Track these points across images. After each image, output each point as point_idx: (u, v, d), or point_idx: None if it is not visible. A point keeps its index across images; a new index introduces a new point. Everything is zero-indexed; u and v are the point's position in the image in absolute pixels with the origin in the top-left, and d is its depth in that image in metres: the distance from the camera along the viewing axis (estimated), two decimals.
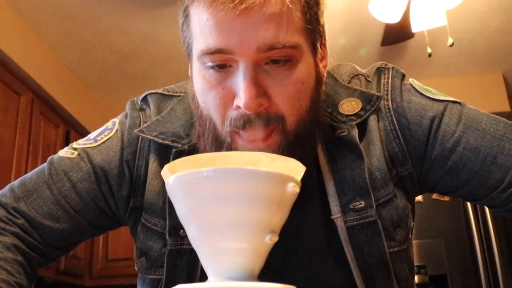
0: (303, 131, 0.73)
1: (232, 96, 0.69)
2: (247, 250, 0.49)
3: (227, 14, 0.66)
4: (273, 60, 0.68)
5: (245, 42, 0.66)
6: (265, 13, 0.66)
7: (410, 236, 0.88)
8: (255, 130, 0.69)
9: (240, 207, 0.48)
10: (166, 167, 0.51)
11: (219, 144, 0.72)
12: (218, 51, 0.68)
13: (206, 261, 0.50)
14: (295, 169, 0.50)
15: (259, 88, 0.67)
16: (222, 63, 0.69)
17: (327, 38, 0.81)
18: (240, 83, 0.67)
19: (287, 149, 0.70)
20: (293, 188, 0.49)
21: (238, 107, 0.68)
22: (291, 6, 0.68)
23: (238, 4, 0.64)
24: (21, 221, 0.83)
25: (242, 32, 0.66)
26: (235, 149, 0.71)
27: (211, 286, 0.47)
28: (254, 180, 0.47)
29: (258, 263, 0.50)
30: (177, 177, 0.49)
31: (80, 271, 3.32)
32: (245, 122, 0.68)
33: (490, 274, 2.64)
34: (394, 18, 2.36)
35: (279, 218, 0.50)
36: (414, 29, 2.43)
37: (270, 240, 0.49)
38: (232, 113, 0.70)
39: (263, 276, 0.53)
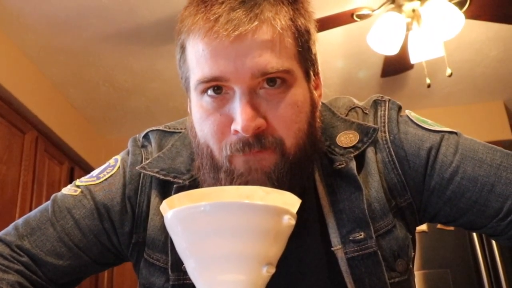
0: (302, 155, 0.73)
1: (230, 121, 0.69)
2: (244, 282, 0.49)
3: (221, 41, 0.67)
4: (268, 82, 0.69)
5: (240, 69, 0.67)
6: (258, 40, 0.67)
7: (411, 266, 0.87)
8: (252, 151, 0.69)
9: (237, 240, 0.48)
10: (164, 202, 0.51)
11: (217, 170, 0.72)
12: (214, 79, 0.69)
13: None
14: (291, 201, 0.51)
15: (255, 111, 0.68)
16: (216, 90, 0.69)
17: (320, 69, 0.82)
18: (237, 107, 0.68)
19: (288, 173, 0.71)
20: (289, 221, 0.50)
21: (236, 131, 0.68)
22: (282, 33, 0.69)
23: (231, 32, 0.66)
24: (25, 258, 0.83)
25: (236, 59, 0.67)
26: (235, 173, 0.71)
27: None
28: (250, 214, 0.48)
29: None
30: (175, 212, 0.50)
31: None
32: (244, 145, 0.68)
33: None
34: (392, 50, 2.38)
35: (276, 250, 0.51)
36: (412, 61, 2.44)
37: (267, 272, 0.49)
38: (231, 139, 0.70)
39: None
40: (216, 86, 0.70)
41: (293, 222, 0.50)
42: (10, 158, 2.63)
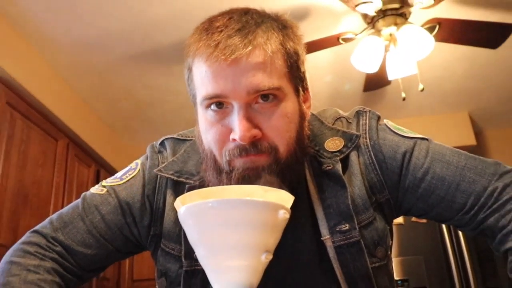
0: (292, 159, 0.74)
1: (229, 132, 0.70)
2: (246, 267, 0.49)
3: (220, 65, 0.68)
4: (261, 98, 0.70)
5: (236, 88, 0.68)
6: (251, 62, 0.68)
7: (389, 253, 0.87)
8: (249, 155, 0.70)
9: (240, 231, 0.49)
10: (178, 199, 0.52)
11: (219, 172, 0.73)
12: (215, 96, 0.70)
13: (212, 278, 0.51)
14: (286, 198, 0.51)
15: (251, 123, 0.69)
16: (218, 106, 0.70)
17: (310, 84, 0.82)
18: (235, 120, 0.69)
19: (280, 174, 0.71)
20: (284, 215, 0.50)
21: (234, 140, 0.69)
22: (273, 55, 0.70)
23: (228, 56, 0.67)
24: (58, 248, 0.83)
25: (234, 79, 0.68)
26: (235, 174, 0.71)
27: None
28: (251, 209, 0.48)
29: (256, 279, 0.51)
30: (187, 208, 0.50)
31: None
32: (241, 151, 0.69)
33: (464, 285, 2.60)
34: (372, 68, 2.38)
35: (273, 240, 0.51)
36: (390, 77, 2.45)
37: (265, 258, 0.50)
38: (230, 145, 0.71)
39: None
40: (218, 102, 0.71)
41: (287, 216, 0.51)
42: (45, 162, 2.63)
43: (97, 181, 3.14)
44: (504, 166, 0.80)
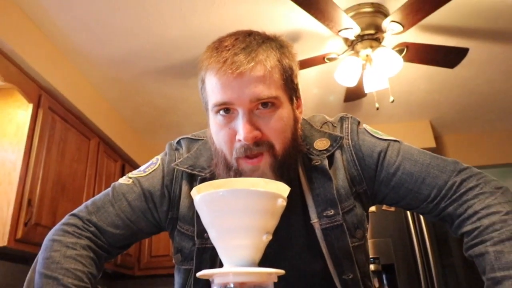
0: (288, 156, 0.74)
1: (235, 133, 0.71)
2: (250, 245, 0.50)
3: (228, 77, 0.68)
4: (262, 105, 0.70)
5: (241, 97, 0.69)
6: (254, 76, 0.68)
7: (366, 234, 0.88)
8: (252, 153, 0.70)
9: (245, 216, 0.49)
10: (194, 188, 0.52)
11: (228, 169, 0.73)
12: (223, 104, 0.70)
13: (222, 254, 0.51)
14: (283, 189, 0.51)
15: (253, 126, 0.69)
16: (226, 111, 0.71)
17: (301, 94, 0.83)
18: (240, 124, 0.69)
19: (277, 170, 0.72)
20: (282, 202, 0.50)
21: (240, 140, 0.69)
22: (271, 70, 0.70)
23: (235, 70, 0.67)
24: (92, 229, 0.83)
25: (239, 89, 0.68)
26: (241, 171, 0.72)
27: (225, 270, 0.48)
28: (254, 197, 0.49)
29: (258, 255, 0.51)
30: (202, 196, 0.50)
31: (131, 264, 3.27)
32: (246, 149, 0.70)
33: (424, 262, 2.61)
34: (352, 83, 2.39)
35: (272, 223, 0.51)
36: (366, 91, 2.45)
37: (266, 238, 0.50)
38: (236, 145, 0.71)
39: (262, 264, 0.54)
40: (226, 108, 0.71)
41: (284, 203, 0.51)
42: (79, 157, 2.63)
43: (122, 173, 3.13)
44: (462, 164, 0.80)
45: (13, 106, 2.18)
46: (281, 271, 0.48)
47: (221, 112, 0.71)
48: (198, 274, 0.48)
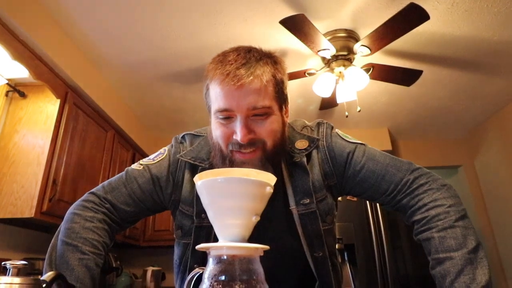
0: (276, 152, 0.74)
1: (232, 133, 0.71)
2: (241, 224, 0.49)
3: (230, 88, 0.68)
4: (256, 115, 0.70)
5: (240, 105, 0.68)
6: (251, 88, 0.68)
7: (335, 220, 0.89)
8: (245, 150, 0.70)
9: (238, 200, 0.48)
10: (196, 176, 0.51)
11: (224, 159, 0.73)
12: (225, 110, 0.70)
13: (217, 231, 0.50)
14: (271, 178, 0.50)
15: (248, 130, 0.69)
16: (227, 116, 0.70)
17: (289, 104, 0.83)
18: (238, 127, 0.69)
19: (265, 163, 0.72)
20: (269, 190, 0.50)
21: (236, 140, 0.69)
22: (266, 84, 0.70)
23: (236, 82, 0.67)
24: (108, 205, 0.82)
25: (238, 99, 0.68)
26: (234, 161, 0.72)
27: (220, 244, 0.47)
28: (247, 185, 0.48)
29: (247, 233, 0.50)
30: (202, 182, 0.50)
31: (137, 236, 3.24)
32: (241, 146, 0.70)
33: (379, 243, 2.64)
34: (326, 94, 2.40)
35: (260, 206, 0.51)
36: (338, 101, 2.46)
37: (255, 219, 0.50)
38: (233, 141, 0.71)
39: (249, 241, 0.53)
40: (227, 115, 0.70)
41: (271, 190, 0.50)
42: (98, 145, 2.59)
43: (132, 161, 3.10)
44: (415, 165, 0.81)
45: (43, 101, 2.15)
46: (266, 247, 0.48)
47: (222, 116, 0.71)
48: (197, 247, 0.48)
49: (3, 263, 0.53)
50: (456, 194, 0.76)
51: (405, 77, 2.40)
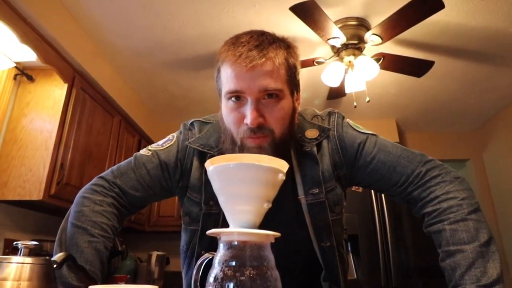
0: (284, 139, 0.73)
1: (243, 117, 0.70)
2: (253, 211, 0.49)
3: (241, 70, 0.67)
4: (268, 96, 0.69)
5: (251, 86, 0.67)
6: (263, 70, 0.67)
7: (343, 211, 0.88)
8: (255, 135, 0.69)
9: (250, 186, 0.48)
10: (208, 160, 0.50)
11: (234, 145, 0.72)
12: (236, 92, 0.69)
13: (228, 217, 0.50)
14: (283, 165, 0.50)
15: (259, 113, 0.68)
16: (238, 95, 0.69)
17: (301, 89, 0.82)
18: (248, 110, 0.68)
19: (275, 150, 0.71)
20: (282, 177, 0.49)
21: (247, 124, 0.68)
22: (278, 67, 0.69)
23: (248, 64, 0.66)
24: (116, 190, 0.82)
25: (250, 80, 0.67)
26: (244, 147, 0.71)
27: (231, 230, 0.47)
28: (259, 171, 0.47)
29: (259, 219, 0.50)
30: (214, 167, 0.49)
31: (143, 222, 3.28)
32: (251, 131, 0.69)
33: (382, 234, 2.65)
34: (335, 84, 2.37)
35: (272, 193, 0.50)
36: (347, 91, 2.44)
37: (266, 206, 0.49)
38: (243, 127, 0.70)
39: (257, 228, 0.53)
40: (237, 96, 0.69)
41: (283, 177, 0.50)
42: (105, 131, 2.60)
43: (138, 147, 3.11)
44: (427, 157, 0.80)
45: (51, 85, 2.15)
46: (277, 234, 0.47)
47: (233, 98, 0.70)
48: (209, 232, 0.48)
49: (14, 243, 0.54)
50: (469, 187, 0.75)
51: (416, 68, 2.36)
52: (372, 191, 2.73)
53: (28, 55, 2.01)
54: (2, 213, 2.02)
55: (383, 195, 2.75)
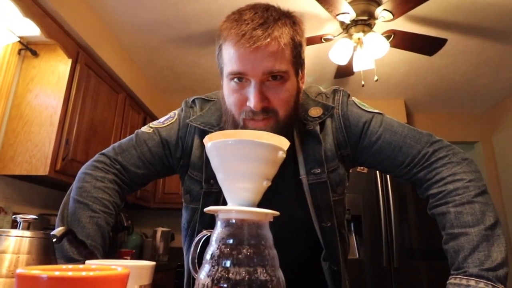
0: (288, 121, 0.71)
1: (246, 99, 0.67)
2: (252, 189, 0.48)
3: (245, 50, 0.64)
4: (272, 78, 0.66)
5: (255, 68, 0.65)
6: (268, 51, 0.64)
7: (345, 191, 0.87)
8: (258, 117, 0.68)
9: (249, 163, 0.46)
10: (206, 136, 0.49)
11: (236, 126, 0.71)
12: (238, 73, 0.66)
13: (227, 194, 0.49)
14: (284, 143, 0.48)
15: (263, 96, 0.66)
16: (241, 76, 0.67)
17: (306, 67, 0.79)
18: (251, 92, 0.66)
19: (277, 131, 0.69)
20: (282, 154, 0.48)
21: (249, 106, 0.67)
22: (284, 47, 0.66)
23: (252, 44, 0.63)
24: (118, 166, 0.82)
25: (254, 62, 0.64)
26: (246, 129, 0.69)
27: (229, 208, 0.46)
28: (259, 148, 0.46)
29: (257, 198, 0.49)
30: (213, 143, 0.48)
31: (148, 198, 3.32)
32: (254, 114, 0.67)
33: (386, 216, 2.65)
34: (343, 62, 2.32)
35: (272, 171, 0.49)
36: (355, 69, 2.38)
37: (266, 184, 0.48)
38: (245, 109, 0.68)
39: (257, 207, 0.52)
40: (240, 77, 0.67)
41: (284, 155, 0.48)
42: (110, 108, 2.60)
43: (143, 124, 3.11)
44: (435, 137, 0.78)
45: (55, 60, 2.14)
46: (276, 213, 0.47)
47: (235, 79, 0.68)
48: (206, 209, 0.47)
49: (13, 216, 0.54)
50: (477, 169, 0.73)
51: (428, 45, 2.29)
52: (378, 172, 2.72)
53: (32, 29, 1.99)
54: (9, 188, 2.06)
55: (388, 176, 2.73)
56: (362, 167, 2.69)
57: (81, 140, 2.21)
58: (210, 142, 0.48)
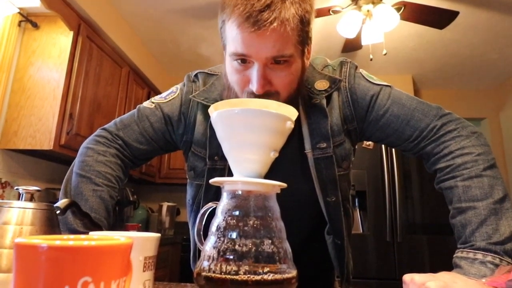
0: (290, 99, 0.69)
1: (248, 81, 0.65)
2: (258, 160, 0.46)
3: (249, 33, 0.60)
4: (276, 61, 0.63)
5: (259, 52, 0.62)
6: (273, 35, 0.60)
7: (351, 166, 0.86)
8: (260, 98, 0.66)
9: (256, 133, 0.45)
10: (212, 106, 0.47)
11: None
12: (242, 55, 0.63)
13: (233, 166, 0.47)
14: (292, 113, 0.46)
15: (266, 80, 0.64)
16: (244, 58, 0.64)
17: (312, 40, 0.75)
18: (254, 75, 0.63)
19: None
20: (290, 125, 0.46)
21: (251, 89, 0.64)
22: (290, 32, 0.62)
23: (257, 29, 0.59)
24: (120, 142, 0.81)
25: (258, 45, 0.61)
26: None
27: (235, 179, 0.45)
28: (266, 118, 0.44)
29: (264, 169, 0.48)
30: (218, 112, 0.46)
31: (153, 173, 3.33)
32: (255, 96, 0.65)
33: (391, 192, 2.65)
34: (351, 35, 2.25)
35: (279, 142, 0.47)
36: (363, 43, 2.32)
37: (273, 155, 0.46)
38: (248, 89, 0.66)
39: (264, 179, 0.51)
40: (243, 59, 0.64)
41: (292, 125, 0.46)
42: (113, 82, 2.56)
43: (148, 99, 3.08)
44: (444, 110, 0.76)
45: (57, 32, 2.09)
46: (284, 184, 0.45)
47: (239, 61, 0.65)
48: (211, 180, 0.46)
49: (15, 187, 0.53)
50: (486, 142, 0.70)
51: (439, 18, 2.21)
52: (383, 147, 2.70)
53: (32, 0, 1.93)
54: (15, 162, 2.07)
55: (393, 152, 2.71)
56: (368, 143, 2.66)
57: (85, 115, 2.19)
58: (216, 111, 0.46)
